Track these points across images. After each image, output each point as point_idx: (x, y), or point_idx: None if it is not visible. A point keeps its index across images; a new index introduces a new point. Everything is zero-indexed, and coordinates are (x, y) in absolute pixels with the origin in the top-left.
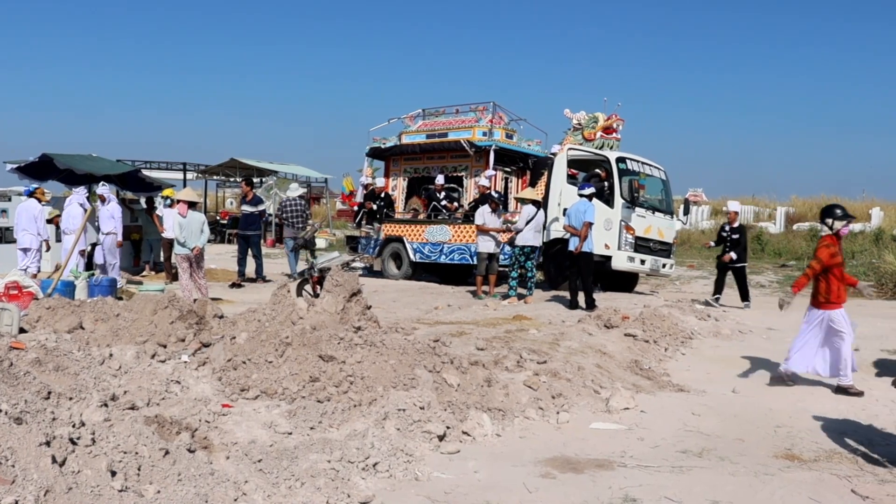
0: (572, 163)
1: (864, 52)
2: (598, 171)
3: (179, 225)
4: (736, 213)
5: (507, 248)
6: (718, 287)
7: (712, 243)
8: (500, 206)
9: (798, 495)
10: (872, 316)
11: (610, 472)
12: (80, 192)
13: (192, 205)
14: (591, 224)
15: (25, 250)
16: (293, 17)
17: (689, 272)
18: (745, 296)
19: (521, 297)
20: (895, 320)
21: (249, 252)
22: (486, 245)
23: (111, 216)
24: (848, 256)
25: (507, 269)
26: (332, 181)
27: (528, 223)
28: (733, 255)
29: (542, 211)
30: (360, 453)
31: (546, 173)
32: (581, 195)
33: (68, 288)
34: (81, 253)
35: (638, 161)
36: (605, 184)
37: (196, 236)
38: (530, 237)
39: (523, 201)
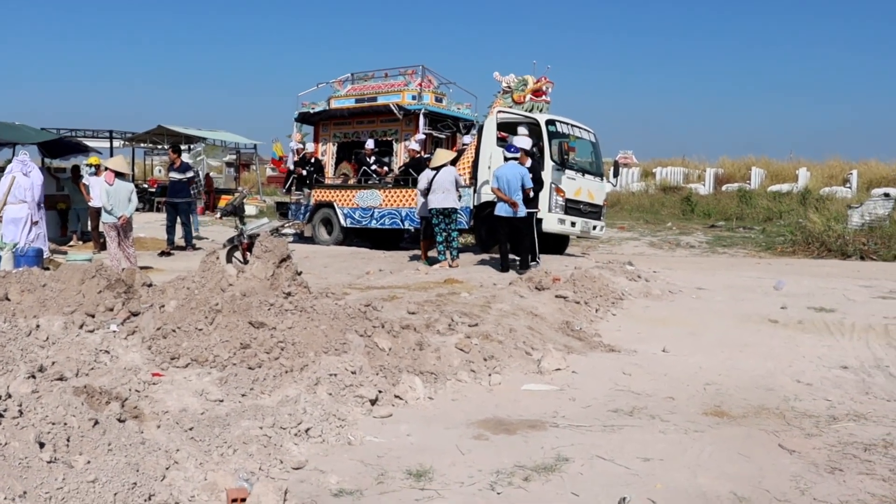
0: (502, 126)
1: (790, 16)
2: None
3: (107, 193)
4: None
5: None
6: None
7: None
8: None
9: (727, 451)
10: (799, 274)
11: (542, 433)
12: (20, 160)
13: (119, 174)
14: (532, 189)
15: None
16: None
17: (620, 234)
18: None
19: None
20: (821, 278)
21: (179, 220)
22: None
23: (32, 185)
24: (775, 216)
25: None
26: (261, 147)
27: (428, 186)
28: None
29: (447, 170)
30: (293, 419)
31: (476, 137)
32: (508, 158)
33: None
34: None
35: (568, 123)
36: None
37: (124, 205)
38: (441, 199)
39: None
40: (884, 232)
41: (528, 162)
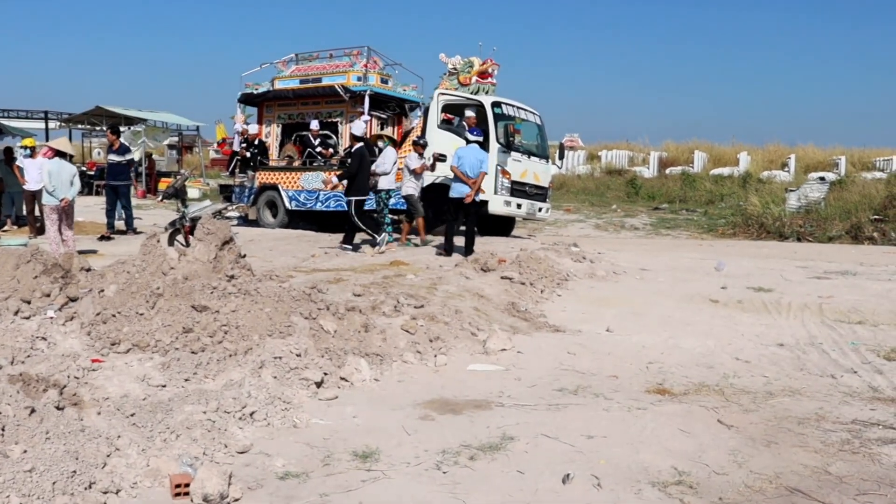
0: (447, 108)
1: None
2: (459, 119)
3: (49, 173)
4: None
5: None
6: None
7: None
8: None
9: (668, 427)
10: (739, 255)
11: (488, 412)
12: None
13: (62, 155)
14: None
15: None
16: None
17: (566, 216)
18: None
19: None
20: (760, 259)
21: (119, 203)
22: (410, 188)
23: None
24: (717, 199)
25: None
26: (204, 129)
27: (392, 165)
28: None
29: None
30: (237, 403)
31: (421, 118)
32: (470, 140)
33: None
34: None
35: (513, 105)
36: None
37: (66, 187)
38: (392, 180)
39: (381, 138)
40: (819, 214)
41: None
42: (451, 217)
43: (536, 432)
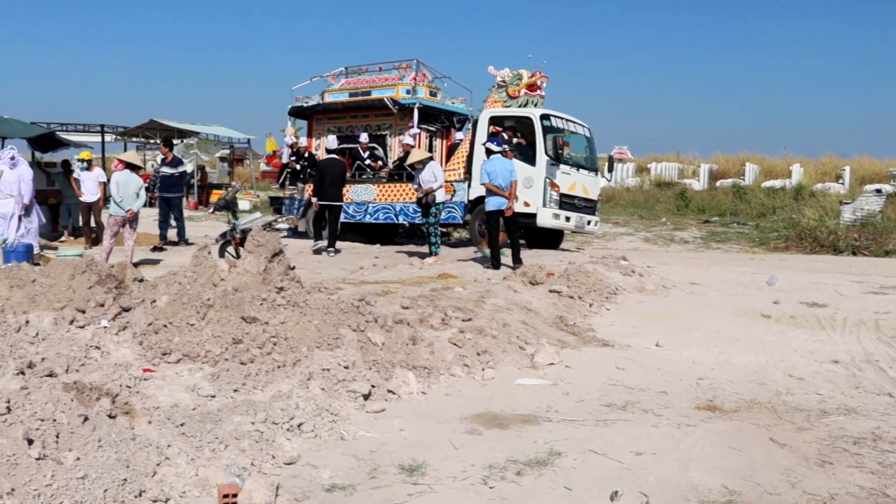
0: (496, 121)
1: (784, 16)
2: (503, 131)
3: (117, 184)
4: None
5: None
6: None
7: None
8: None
9: (719, 445)
10: (791, 269)
11: (535, 427)
12: (3, 155)
13: (132, 167)
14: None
15: None
16: None
17: (615, 229)
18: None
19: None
20: (814, 273)
21: (171, 215)
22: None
23: (20, 179)
24: (769, 212)
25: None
26: (255, 142)
27: (435, 178)
28: None
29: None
30: (285, 414)
31: (470, 132)
32: (492, 150)
33: None
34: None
35: (562, 118)
36: (515, 141)
37: (132, 199)
38: (443, 193)
39: (420, 164)
40: (875, 228)
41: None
42: (494, 230)
43: (584, 448)
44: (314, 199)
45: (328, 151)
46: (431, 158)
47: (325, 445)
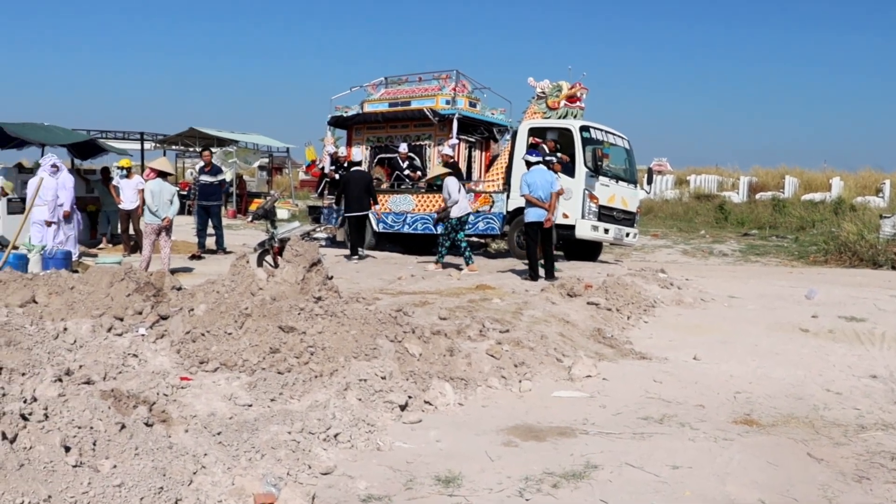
0: (535, 132)
1: (824, 29)
2: (543, 142)
3: (151, 193)
4: None
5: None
6: None
7: None
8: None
9: (756, 459)
10: (830, 283)
11: (572, 440)
12: (45, 162)
13: (163, 175)
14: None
15: None
16: None
17: (654, 241)
18: None
19: (448, 265)
20: (853, 288)
21: (210, 223)
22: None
23: (62, 186)
24: (808, 225)
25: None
26: (294, 150)
27: (459, 192)
28: None
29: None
30: (322, 424)
31: (509, 143)
32: (530, 161)
33: (21, 261)
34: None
35: (602, 130)
36: (559, 154)
37: (166, 207)
38: (467, 205)
39: (439, 179)
40: None
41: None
42: (532, 241)
43: (621, 461)
44: (336, 208)
45: (353, 164)
46: (450, 174)
47: (362, 456)
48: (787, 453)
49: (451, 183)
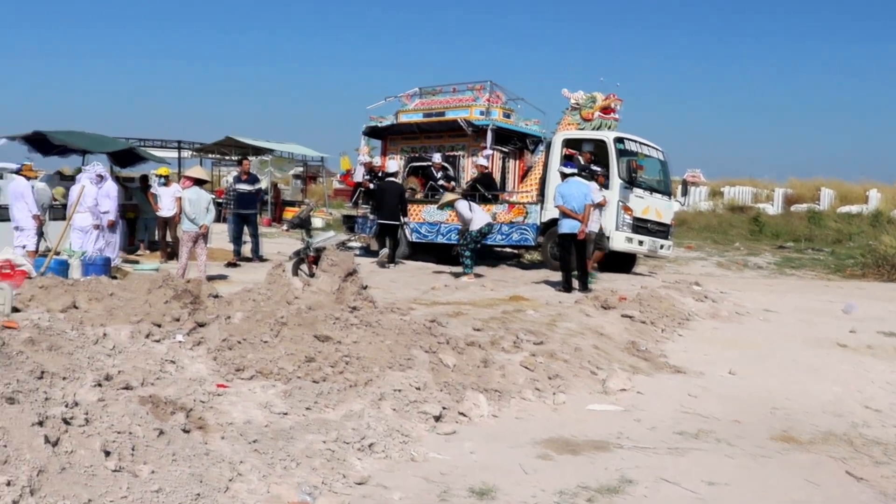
0: (570, 144)
1: (862, 40)
2: (579, 154)
3: (188, 201)
4: None
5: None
6: None
7: None
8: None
9: (795, 478)
10: (869, 298)
11: (607, 454)
12: (89, 170)
13: (201, 183)
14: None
15: (17, 228)
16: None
17: (688, 253)
18: None
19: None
20: (891, 302)
21: (246, 231)
22: (594, 222)
23: (107, 195)
24: (845, 238)
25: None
26: (328, 160)
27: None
28: None
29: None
30: (357, 434)
31: (543, 154)
32: (565, 173)
33: (62, 266)
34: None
35: (636, 141)
36: (592, 166)
37: (203, 214)
38: (483, 217)
39: (449, 207)
40: None
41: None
42: (566, 253)
43: (656, 476)
44: (371, 217)
45: (388, 174)
46: (457, 199)
47: (396, 466)
48: (827, 472)
49: (461, 206)
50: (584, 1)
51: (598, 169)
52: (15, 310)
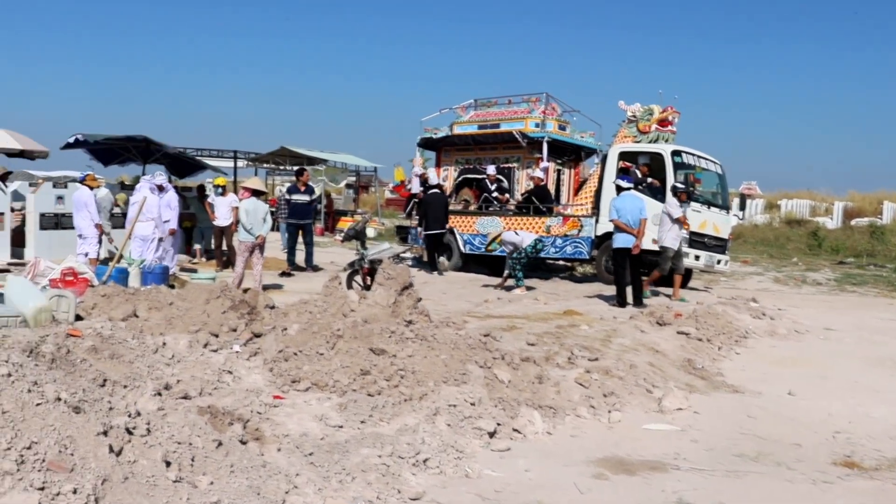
0: (626, 157)
1: None
2: (635, 167)
3: (246, 212)
4: None
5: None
6: None
7: None
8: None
9: None
10: None
11: (663, 475)
12: (147, 179)
13: (257, 193)
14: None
15: (80, 236)
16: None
17: (744, 268)
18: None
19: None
20: None
21: (300, 240)
22: (671, 239)
23: (168, 205)
24: None
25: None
26: (381, 170)
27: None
28: None
29: None
30: (411, 448)
31: (599, 167)
32: (621, 187)
33: (122, 275)
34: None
35: (694, 154)
36: (649, 180)
37: (260, 225)
38: (530, 235)
39: (496, 244)
40: None
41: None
42: (620, 267)
43: (714, 499)
44: (419, 230)
45: (431, 186)
46: (503, 232)
47: (450, 482)
48: (892, 500)
49: (508, 235)
50: (641, 13)
51: (681, 186)
52: (78, 318)
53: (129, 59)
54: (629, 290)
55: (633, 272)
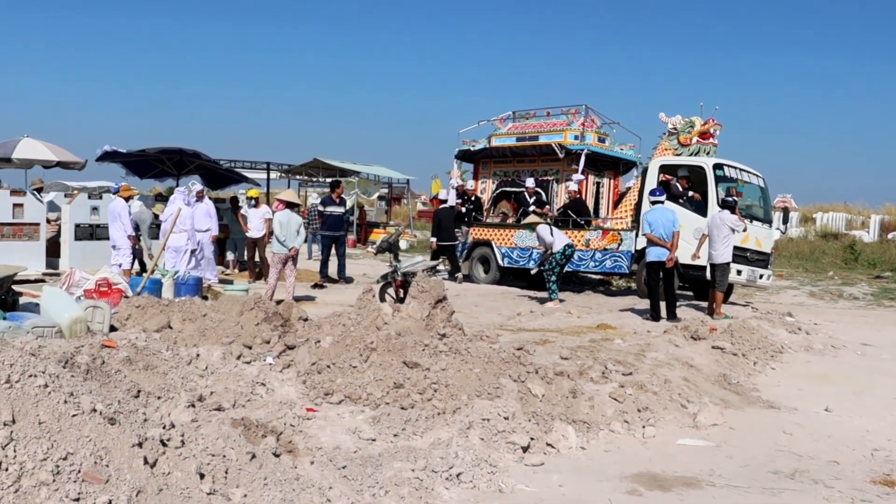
0: (667, 169)
1: None
2: (675, 180)
3: (280, 224)
4: None
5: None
6: None
7: None
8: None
9: None
10: None
11: (698, 491)
12: (181, 191)
13: (291, 206)
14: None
15: (114, 247)
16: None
17: (779, 282)
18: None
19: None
20: None
21: (333, 252)
22: (723, 254)
23: (207, 213)
24: None
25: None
26: (414, 182)
27: (552, 235)
28: None
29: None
30: (444, 462)
31: (639, 180)
32: (655, 201)
33: (156, 286)
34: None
35: (736, 168)
36: (690, 193)
37: (294, 237)
38: (563, 239)
39: (530, 228)
40: None
41: None
42: (654, 281)
43: None
44: (433, 240)
45: (442, 202)
46: (539, 223)
47: (484, 497)
48: None
49: (542, 230)
50: (680, 26)
51: (733, 199)
52: (112, 328)
53: (167, 75)
54: (663, 304)
55: (667, 286)
